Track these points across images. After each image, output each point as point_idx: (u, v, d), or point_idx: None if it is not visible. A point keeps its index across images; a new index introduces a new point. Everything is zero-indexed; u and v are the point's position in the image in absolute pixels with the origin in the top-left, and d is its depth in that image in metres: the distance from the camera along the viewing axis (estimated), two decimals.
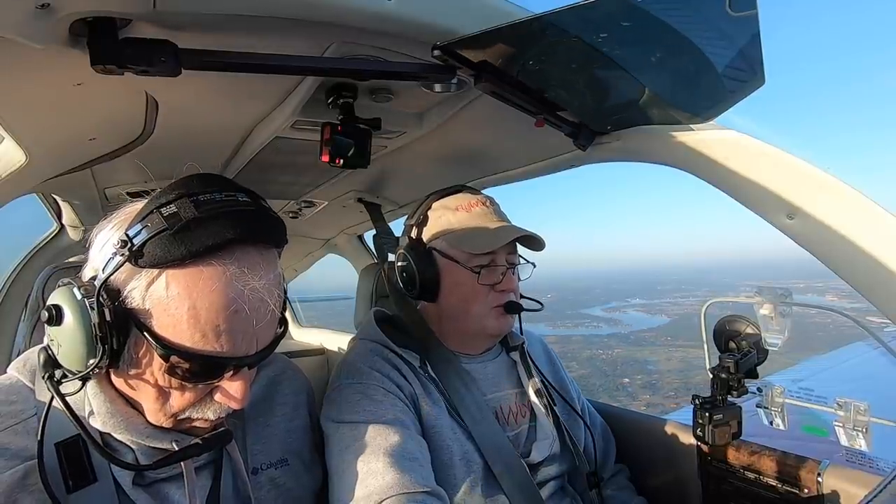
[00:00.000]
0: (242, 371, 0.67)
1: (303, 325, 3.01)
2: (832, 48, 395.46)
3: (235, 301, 0.61)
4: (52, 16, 0.57)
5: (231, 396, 0.66)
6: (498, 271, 1.09)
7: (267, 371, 0.92)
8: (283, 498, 0.82)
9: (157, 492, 0.71)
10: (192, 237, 0.59)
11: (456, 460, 0.99)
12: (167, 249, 0.58)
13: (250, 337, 0.64)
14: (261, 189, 1.71)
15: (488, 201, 1.16)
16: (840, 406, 0.89)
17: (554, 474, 1.10)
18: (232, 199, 0.64)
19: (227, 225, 0.61)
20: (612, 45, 0.77)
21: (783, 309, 0.92)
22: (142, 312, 0.60)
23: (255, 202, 0.67)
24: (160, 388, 0.65)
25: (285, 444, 0.87)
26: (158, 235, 0.59)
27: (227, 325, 0.61)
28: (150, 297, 0.60)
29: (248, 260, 0.63)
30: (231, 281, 0.61)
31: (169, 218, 0.59)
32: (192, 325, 0.59)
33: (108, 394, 0.68)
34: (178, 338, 0.60)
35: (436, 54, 0.75)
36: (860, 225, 0.78)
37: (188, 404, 0.66)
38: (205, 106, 0.97)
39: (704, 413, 0.94)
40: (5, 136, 0.92)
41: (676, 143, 0.95)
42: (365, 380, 1.00)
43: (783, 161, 0.85)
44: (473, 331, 1.13)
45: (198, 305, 0.59)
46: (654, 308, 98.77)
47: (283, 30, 0.71)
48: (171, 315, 0.59)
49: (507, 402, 1.13)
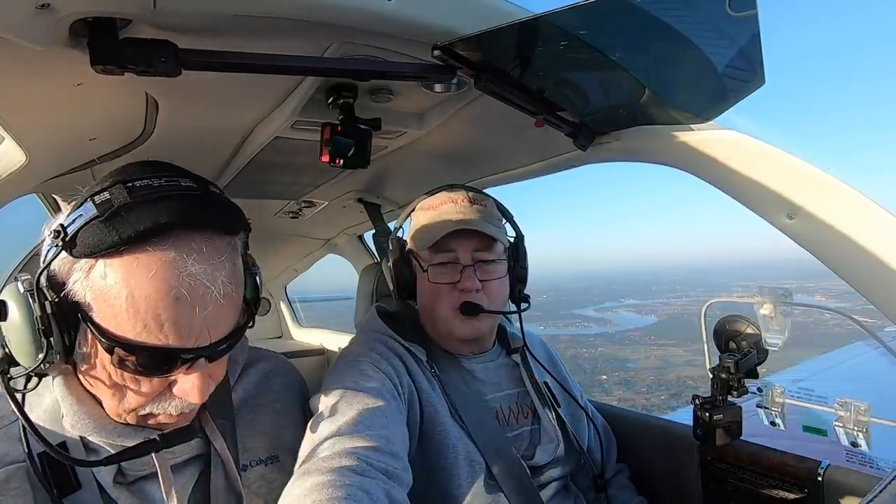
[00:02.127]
0: (198, 364, 0.64)
1: (303, 325, 3.01)
2: (832, 48, 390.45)
3: (175, 288, 0.58)
4: (52, 16, 0.56)
5: (187, 392, 0.64)
6: (457, 269, 1.06)
7: (257, 368, 0.91)
8: (274, 494, 0.81)
9: (138, 490, 0.70)
10: (123, 222, 0.57)
11: (461, 461, 0.98)
12: (99, 237, 0.57)
13: (199, 327, 0.61)
14: (261, 189, 1.71)
15: (462, 199, 1.10)
16: (840, 406, 0.89)
17: (557, 476, 1.10)
18: (172, 183, 0.62)
19: (163, 209, 0.58)
20: (612, 44, 0.77)
21: (783, 309, 0.92)
22: (85, 304, 0.59)
23: (200, 187, 0.64)
24: (115, 383, 0.63)
25: (276, 441, 0.85)
26: (90, 223, 0.57)
27: (167, 313, 0.58)
28: (90, 287, 0.58)
29: (190, 246, 0.60)
30: (169, 267, 0.58)
31: (101, 205, 0.58)
32: (133, 314, 0.57)
33: (77, 394, 0.67)
34: (120, 329, 0.58)
35: (436, 54, 0.75)
36: (860, 225, 0.78)
37: (145, 399, 0.64)
38: (205, 106, 0.97)
39: (704, 413, 0.94)
40: (5, 136, 0.92)
41: (676, 143, 0.95)
42: (359, 357, 0.99)
43: (783, 161, 0.85)
44: (444, 333, 1.11)
45: (136, 294, 0.57)
46: (646, 308, 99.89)
47: (283, 30, 0.71)
48: (112, 305, 0.57)
49: (507, 403, 1.13)
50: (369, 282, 1.61)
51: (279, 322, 3.11)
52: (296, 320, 3.05)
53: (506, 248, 1.14)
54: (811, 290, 12.23)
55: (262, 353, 0.95)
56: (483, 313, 1.06)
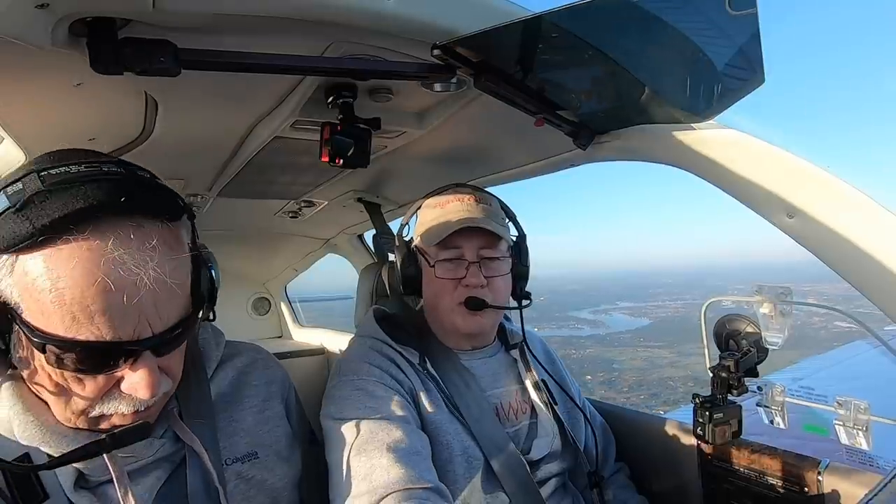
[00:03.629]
0: (144, 357, 0.60)
1: (303, 325, 3.01)
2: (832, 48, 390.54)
3: (99, 276, 0.54)
4: (51, 16, 0.56)
5: (134, 387, 0.60)
6: (462, 265, 1.08)
7: (234, 363, 0.88)
8: (255, 490, 0.79)
9: (101, 494, 0.67)
10: (36, 211, 0.53)
11: (456, 457, 0.99)
12: (12, 229, 0.53)
13: (135, 318, 0.57)
14: (260, 189, 1.71)
15: (468, 198, 1.13)
16: (840, 405, 0.88)
17: (555, 472, 1.10)
18: (93, 168, 0.58)
19: (80, 194, 0.54)
20: (612, 44, 0.77)
21: (783, 308, 0.92)
22: (12, 303, 0.56)
23: (126, 171, 0.60)
24: (57, 385, 0.60)
25: (255, 437, 0.83)
26: (2, 215, 0.54)
27: (96, 304, 0.54)
28: (15, 285, 0.55)
29: (115, 232, 0.56)
30: (92, 255, 0.54)
31: (13, 196, 0.54)
32: (59, 308, 0.54)
33: (26, 402, 0.64)
34: (50, 326, 0.55)
35: (435, 54, 0.75)
36: (860, 225, 0.78)
37: (92, 400, 0.61)
38: (204, 106, 0.97)
39: (705, 412, 0.94)
40: (5, 136, 0.92)
41: (676, 142, 0.95)
42: (365, 376, 1.00)
43: (783, 160, 0.85)
44: (448, 328, 1.13)
45: (60, 286, 0.53)
46: (639, 311, 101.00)
47: (282, 30, 0.71)
48: (37, 301, 0.54)
49: (507, 399, 1.13)
50: (369, 282, 1.61)
51: (279, 322, 3.11)
52: (296, 320, 3.05)
53: (509, 246, 1.17)
54: (805, 293, 12.32)
55: (239, 347, 0.92)
56: (487, 308, 1.08)
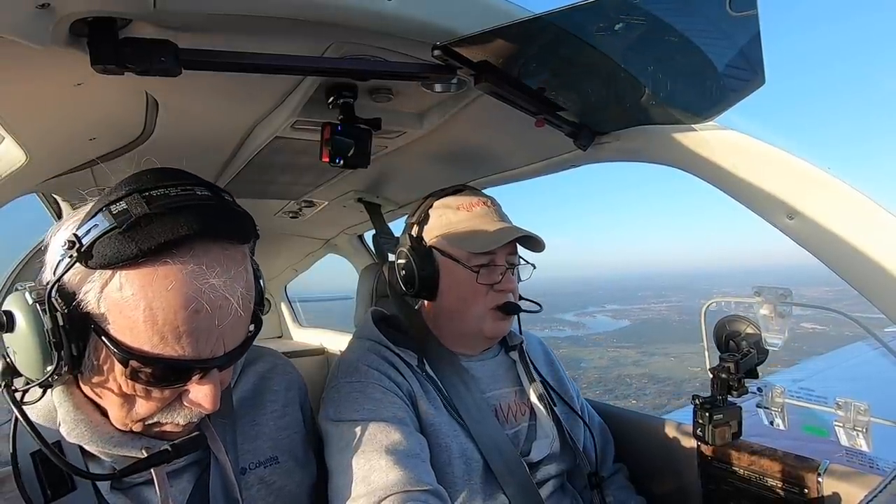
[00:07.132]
0: (210, 374, 0.63)
1: (303, 325, 3.01)
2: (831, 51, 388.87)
3: (194, 300, 0.57)
4: (52, 16, 0.56)
5: (199, 401, 0.63)
6: (497, 271, 1.09)
7: (255, 367, 0.90)
8: (274, 496, 0.81)
9: (135, 496, 0.70)
10: (142, 234, 0.56)
11: (455, 459, 0.99)
12: (117, 249, 0.55)
13: (215, 338, 0.60)
14: (261, 189, 1.70)
15: (489, 201, 1.16)
16: (840, 406, 0.88)
17: (554, 473, 1.10)
18: (188, 192, 0.61)
19: (182, 220, 0.57)
20: (613, 44, 0.77)
21: (783, 309, 0.92)
22: (98, 316, 0.58)
23: (215, 196, 0.63)
24: (125, 394, 0.62)
25: (275, 442, 0.85)
26: (107, 234, 0.56)
27: (186, 326, 0.57)
28: (105, 299, 0.57)
29: (208, 256, 0.59)
30: (188, 279, 0.57)
31: (118, 215, 0.57)
32: (150, 327, 0.56)
33: (76, 400, 0.66)
34: (136, 341, 0.57)
35: (436, 54, 0.75)
36: (860, 225, 0.78)
37: (155, 409, 0.64)
38: (205, 106, 0.97)
39: (704, 413, 0.94)
40: (5, 136, 0.92)
41: (676, 142, 0.95)
42: (363, 378, 1.00)
43: (783, 161, 0.85)
44: (471, 331, 1.13)
45: (154, 306, 0.56)
46: (622, 313, 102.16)
47: (283, 30, 0.71)
48: (128, 317, 0.57)
49: (506, 400, 1.13)
50: (369, 282, 1.61)
51: (279, 322, 3.11)
52: (296, 320, 3.05)
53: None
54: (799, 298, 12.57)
55: (259, 352, 0.94)
56: (520, 312, 1.14)
